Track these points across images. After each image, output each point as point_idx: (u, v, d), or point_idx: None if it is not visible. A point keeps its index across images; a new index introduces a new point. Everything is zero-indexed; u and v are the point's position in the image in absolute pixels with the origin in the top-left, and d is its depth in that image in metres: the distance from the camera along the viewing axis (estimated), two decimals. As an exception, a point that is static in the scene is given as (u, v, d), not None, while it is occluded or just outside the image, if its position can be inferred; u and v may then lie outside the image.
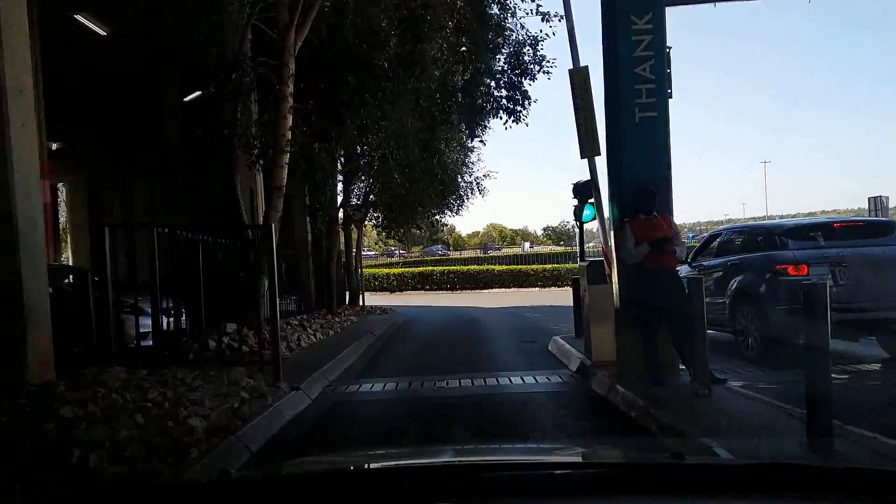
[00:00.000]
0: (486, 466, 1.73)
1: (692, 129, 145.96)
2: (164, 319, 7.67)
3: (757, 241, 8.14)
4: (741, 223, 12.04)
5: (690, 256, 9.47)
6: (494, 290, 31.91)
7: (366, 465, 2.05)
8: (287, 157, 9.03)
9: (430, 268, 34.90)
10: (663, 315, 6.09)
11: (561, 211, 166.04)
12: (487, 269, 32.84)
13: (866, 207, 23.88)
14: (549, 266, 31.84)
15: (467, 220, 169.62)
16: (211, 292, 7.54)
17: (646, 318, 6.18)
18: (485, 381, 7.29)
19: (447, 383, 7.27)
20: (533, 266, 32.13)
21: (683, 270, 8.83)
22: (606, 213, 6.91)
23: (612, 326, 6.91)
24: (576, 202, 9.59)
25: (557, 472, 1.61)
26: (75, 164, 19.85)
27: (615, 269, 6.64)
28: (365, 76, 9.97)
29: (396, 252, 72.43)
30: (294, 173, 10.29)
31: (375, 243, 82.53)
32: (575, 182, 9.49)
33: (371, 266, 42.54)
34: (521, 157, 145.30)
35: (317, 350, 9.65)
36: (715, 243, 9.31)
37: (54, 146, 17.99)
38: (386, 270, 35.82)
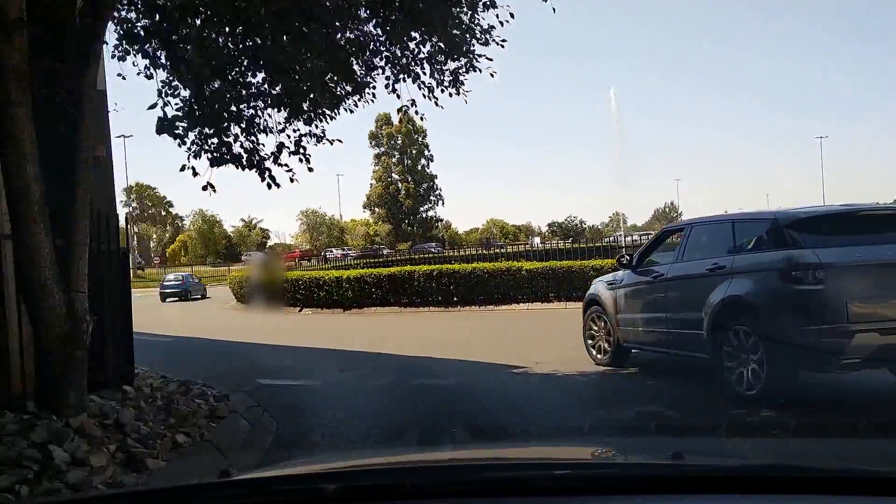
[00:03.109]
0: (487, 466, 1.78)
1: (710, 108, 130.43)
2: None
3: (753, 236, 6.13)
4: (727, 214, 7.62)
5: (636, 257, 7.57)
6: (522, 305, 17.65)
7: (367, 464, 2.09)
8: None
9: (407, 268, 20.48)
10: None
11: (567, 204, 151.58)
12: (509, 269, 18.36)
13: None
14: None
15: (463, 217, 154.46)
16: None
17: None
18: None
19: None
20: (594, 262, 17.59)
21: (624, 276, 7.61)
22: None
23: None
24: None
25: (557, 471, 1.61)
26: None
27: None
28: None
29: (384, 251, 58.35)
30: None
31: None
32: None
33: (322, 269, 28.33)
34: (520, 146, 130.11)
35: None
36: (677, 241, 7.24)
37: None
38: (336, 273, 21.54)
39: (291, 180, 6.69)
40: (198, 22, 5.53)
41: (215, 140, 6.02)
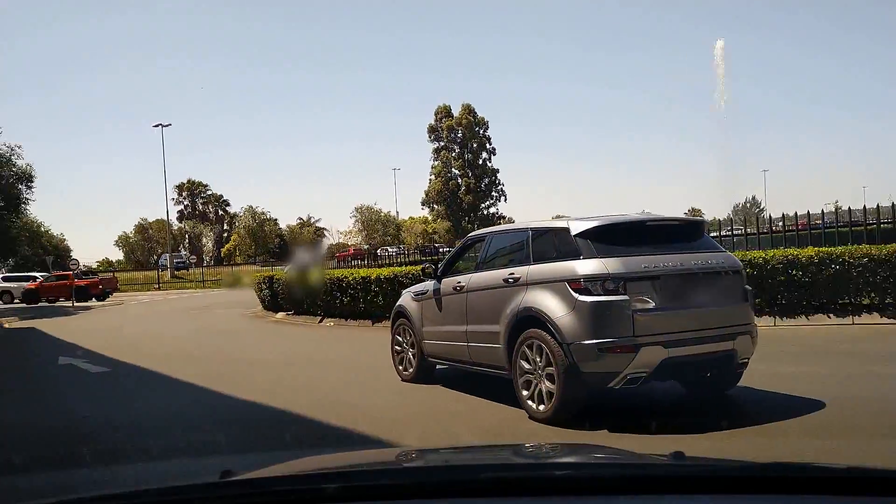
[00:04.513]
0: (487, 466, 1.80)
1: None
2: None
3: (545, 246, 6.10)
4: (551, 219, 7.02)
5: (441, 267, 7.61)
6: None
7: (367, 464, 2.12)
8: None
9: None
10: None
11: (641, 200, 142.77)
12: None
13: None
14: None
15: (526, 213, 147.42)
16: None
17: None
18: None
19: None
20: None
21: (429, 287, 7.56)
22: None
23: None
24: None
25: (557, 472, 1.62)
26: None
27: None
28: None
29: (441, 249, 53.14)
30: None
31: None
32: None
33: (351, 268, 23.24)
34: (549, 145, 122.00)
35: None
36: (479, 251, 7.19)
37: None
38: (363, 273, 16.31)
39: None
40: None
41: None
